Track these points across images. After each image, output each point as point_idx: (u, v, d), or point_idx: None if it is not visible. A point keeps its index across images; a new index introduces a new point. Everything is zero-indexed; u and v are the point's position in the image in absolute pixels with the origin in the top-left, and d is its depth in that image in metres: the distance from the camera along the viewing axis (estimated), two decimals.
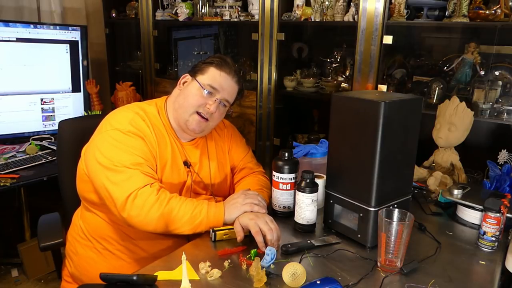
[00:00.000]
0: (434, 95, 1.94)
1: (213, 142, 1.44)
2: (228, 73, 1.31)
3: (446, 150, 1.63)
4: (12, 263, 2.39)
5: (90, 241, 1.31)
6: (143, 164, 1.20)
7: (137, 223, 1.15)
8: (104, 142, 1.22)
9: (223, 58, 1.33)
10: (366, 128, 1.08)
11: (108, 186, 1.16)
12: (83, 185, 1.30)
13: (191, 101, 1.29)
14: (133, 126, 1.24)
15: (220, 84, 1.30)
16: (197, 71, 1.33)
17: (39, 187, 2.03)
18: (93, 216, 1.31)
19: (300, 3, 2.18)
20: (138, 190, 1.14)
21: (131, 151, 1.20)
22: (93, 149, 1.23)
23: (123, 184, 1.15)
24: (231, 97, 1.34)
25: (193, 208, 1.16)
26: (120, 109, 1.33)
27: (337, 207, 1.22)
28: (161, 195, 1.16)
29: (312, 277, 0.96)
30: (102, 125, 1.28)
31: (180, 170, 1.32)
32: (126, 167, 1.17)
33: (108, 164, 1.18)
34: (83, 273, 1.32)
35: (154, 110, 1.33)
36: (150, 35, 2.81)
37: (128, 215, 1.14)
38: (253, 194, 1.24)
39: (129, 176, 1.16)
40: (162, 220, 1.14)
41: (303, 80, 2.32)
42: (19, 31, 2.31)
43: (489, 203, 1.16)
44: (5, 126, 2.33)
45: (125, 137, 1.22)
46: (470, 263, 1.11)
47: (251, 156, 1.53)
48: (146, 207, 1.13)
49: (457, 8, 1.73)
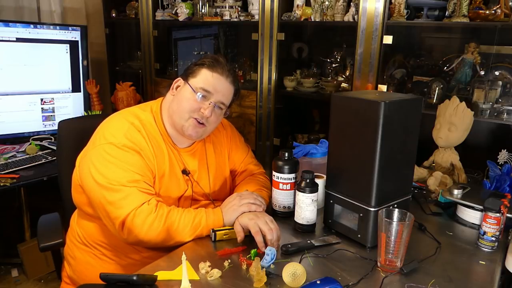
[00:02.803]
0: (434, 95, 1.94)
1: (211, 145, 1.40)
2: (221, 73, 1.25)
3: (446, 150, 1.63)
4: (12, 263, 2.39)
5: (87, 246, 1.29)
6: (140, 180, 1.16)
7: (137, 242, 1.14)
8: (99, 157, 1.17)
9: (215, 58, 1.27)
10: (366, 128, 1.08)
11: (106, 205, 1.13)
12: (78, 196, 1.27)
13: (185, 107, 1.24)
14: (128, 139, 1.19)
15: (214, 86, 1.24)
16: (189, 74, 1.27)
17: (39, 187, 2.02)
18: (89, 223, 1.28)
19: (300, 3, 2.18)
20: (136, 210, 1.11)
21: (127, 167, 1.15)
22: (88, 164, 1.18)
23: (121, 204, 1.12)
24: (227, 98, 1.28)
25: (192, 219, 1.16)
26: (114, 118, 1.27)
27: (337, 207, 1.22)
28: (159, 210, 1.13)
29: (312, 277, 0.96)
30: (96, 137, 1.23)
31: (180, 180, 1.29)
32: (122, 185, 1.13)
33: (104, 183, 1.13)
34: (81, 277, 1.30)
35: (150, 116, 1.28)
36: (150, 35, 2.81)
37: (128, 235, 1.12)
38: (248, 194, 1.24)
39: (126, 195, 1.12)
40: (162, 235, 1.13)
41: (303, 80, 2.32)
42: (19, 31, 2.31)
43: (489, 203, 1.16)
44: (5, 126, 2.32)
45: (120, 152, 1.17)
46: (470, 263, 1.11)
47: (251, 157, 1.52)
48: (145, 226, 1.11)
49: (457, 8, 1.73)
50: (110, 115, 1.31)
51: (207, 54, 1.34)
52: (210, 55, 1.30)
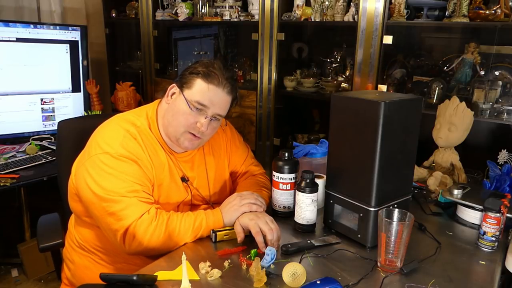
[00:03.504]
0: (434, 95, 1.94)
1: (210, 149, 1.38)
2: (217, 85, 1.19)
3: (446, 150, 1.63)
4: (12, 263, 2.39)
5: (85, 250, 1.28)
6: (139, 190, 1.14)
7: (140, 252, 1.14)
8: (95, 167, 1.14)
9: (209, 66, 1.20)
10: (366, 128, 1.08)
11: (106, 217, 1.12)
12: (76, 205, 1.26)
13: (180, 121, 1.20)
14: (125, 148, 1.16)
15: (210, 100, 1.19)
16: (183, 83, 1.21)
17: (39, 187, 2.02)
18: (86, 230, 1.28)
19: (300, 3, 2.18)
20: (138, 221, 1.10)
21: (125, 177, 1.13)
22: (84, 174, 1.15)
23: (121, 215, 1.10)
24: (223, 110, 1.24)
25: (192, 222, 1.15)
26: (108, 125, 1.23)
27: (337, 207, 1.22)
28: (159, 218, 1.13)
29: (312, 277, 0.96)
30: (91, 145, 1.19)
31: (180, 188, 1.28)
32: (122, 195, 1.11)
33: (103, 194, 1.11)
34: (80, 281, 1.28)
35: (145, 123, 1.24)
36: (150, 35, 2.81)
37: (129, 246, 1.11)
38: (249, 194, 1.23)
39: (127, 205, 1.11)
40: (165, 242, 1.12)
41: (303, 80, 2.32)
42: (19, 31, 2.31)
43: (489, 203, 1.16)
44: (5, 126, 2.32)
45: (117, 162, 1.14)
46: (470, 263, 1.11)
47: (251, 157, 1.51)
48: (147, 235, 1.10)
49: (457, 8, 1.73)
50: (110, 115, 1.30)
51: (202, 60, 1.26)
52: (204, 62, 1.23)
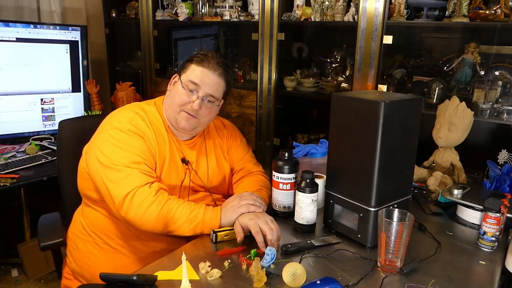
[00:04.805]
0: (434, 95, 1.94)
1: (211, 141, 1.45)
2: (208, 67, 1.30)
3: (446, 150, 1.63)
4: (12, 263, 2.39)
5: (90, 236, 1.33)
6: (141, 162, 1.22)
7: (134, 222, 1.17)
8: (104, 141, 1.25)
9: (204, 54, 1.34)
10: (366, 128, 1.08)
11: (108, 184, 1.19)
12: (84, 183, 1.32)
13: (175, 101, 1.31)
14: (133, 125, 1.27)
15: (201, 79, 1.29)
16: (181, 70, 1.35)
17: (39, 187, 2.03)
18: (93, 211, 1.32)
19: (300, 3, 2.18)
20: (137, 190, 1.16)
21: (130, 150, 1.22)
22: (94, 148, 1.26)
23: (122, 183, 1.17)
24: (216, 91, 1.32)
25: (189, 211, 1.17)
26: (120, 109, 1.36)
27: (337, 207, 1.22)
28: (159, 196, 1.17)
29: (312, 277, 0.96)
30: (103, 125, 1.31)
31: (179, 168, 1.33)
32: (125, 166, 1.19)
33: (108, 163, 1.20)
34: (84, 267, 1.33)
35: (154, 109, 1.36)
36: (150, 35, 2.81)
37: (125, 213, 1.16)
38: (248, 195, 1.24)
39: (128, 174, 1.18)
40: (159, 220, 1.16)
41: (303, 80, 2.32)
42: (19, 31, 2.31)
43: (489, 203, 1.16)
44: (5, 126, 2.32)
45: (125, 136, 1.24)
46: (470, 263, 1.11)
47: (250, 156, 1.53)
48: (143, 206, 1.15)
49: (457, 8, 1.73)
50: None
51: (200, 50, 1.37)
52: (201, 51, 1.36)
